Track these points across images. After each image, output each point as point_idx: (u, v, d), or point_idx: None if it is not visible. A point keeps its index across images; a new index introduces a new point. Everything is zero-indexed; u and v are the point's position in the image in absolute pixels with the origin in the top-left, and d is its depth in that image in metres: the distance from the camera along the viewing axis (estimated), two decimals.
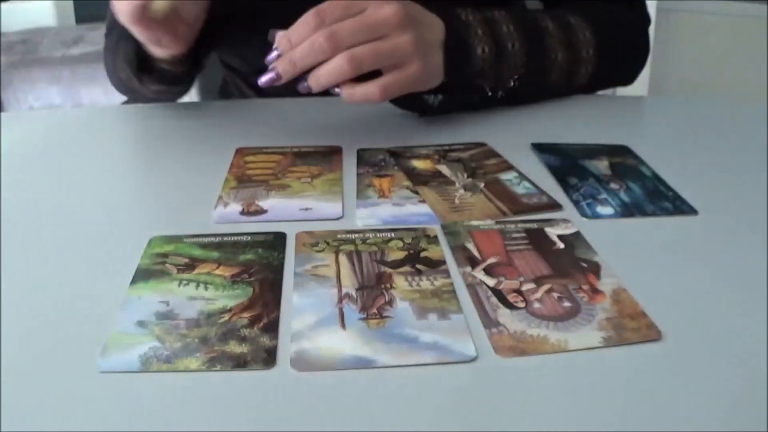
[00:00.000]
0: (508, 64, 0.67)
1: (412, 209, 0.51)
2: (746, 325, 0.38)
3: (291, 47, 0.58)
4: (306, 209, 0.51)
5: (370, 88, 0.59)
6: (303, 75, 0.58)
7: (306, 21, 0.58)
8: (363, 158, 0.60)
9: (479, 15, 0.67)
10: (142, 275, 0.43)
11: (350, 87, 0.59)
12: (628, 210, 0.51)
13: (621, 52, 0.78)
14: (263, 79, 0.58)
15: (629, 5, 0.80)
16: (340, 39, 0.57)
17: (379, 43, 0.58)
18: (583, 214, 0.51)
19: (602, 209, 0.51)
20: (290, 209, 0.51)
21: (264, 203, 0.52)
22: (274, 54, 0.59)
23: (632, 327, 0.38)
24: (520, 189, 0.54)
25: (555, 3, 0.82)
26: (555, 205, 0.52)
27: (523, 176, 0.56)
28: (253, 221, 0.50)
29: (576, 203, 0.52)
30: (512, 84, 0.69)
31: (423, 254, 0.45)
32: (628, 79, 0.81)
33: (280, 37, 0.59)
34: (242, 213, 0.51)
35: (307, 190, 0.54)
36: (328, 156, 0.60)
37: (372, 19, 0.58)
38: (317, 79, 0.58)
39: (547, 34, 0.70)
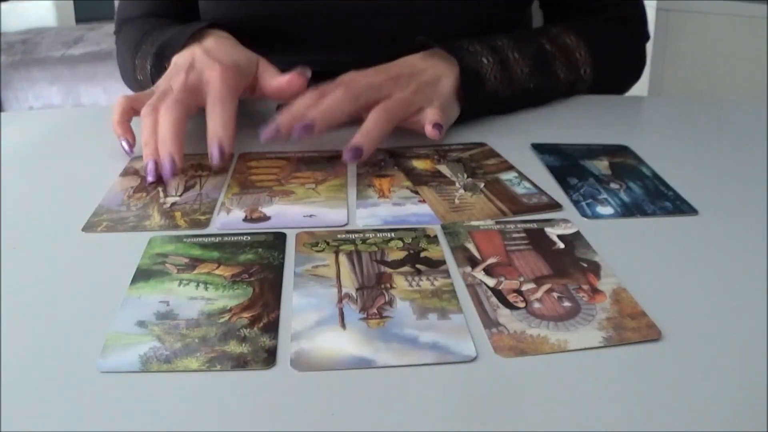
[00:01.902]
0: (518, 87, 0.69)
1: (412, 209, 0.51)
2: (746, 325, 0.38)
3: (292, 117, 0.58)
4: (310, 216, 0.51)
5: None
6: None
7: (307, 95, 0.60)
8: None
9: (484, 44, 0.69)
10: (142, 275, 0.43)
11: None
12: (628, 210, 0.51)
13: (615, 69, 0.80)
14: (299, 130, 0.56)
15: (627, 23, 0.82)
16: (356, 88, 0.59)
17: (396, 96, 0.60)
18: (583, 214, 0.51)
19: (602, 209, 0.51)
20: (294, 216, 0.51)
21: (267, 210, 0.52)
22: (272, 126, 0.57)
23: (632, 327, 0.38)
24: (520, 189, 0.54)
25: (555, 17, 0.83)
26: (555, 205, 0.52)
27: (523, 176, 0.56)
28: (256, 229, 0.49)
29: (576, 203, 0.52)
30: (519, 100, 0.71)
31: (423, 254, 0.45)
32: (622, 91, 0.83)
33: (282, 111, 0.59)
34: (245, 220, 0.50)
35: (312, 196, 0.54)
36: (332, 161, 0.60)
37: (371, 81, 0.61)
38: (365, 135, 0.57)
39: (550, 56, 0.71)
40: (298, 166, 0.59)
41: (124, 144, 0.59)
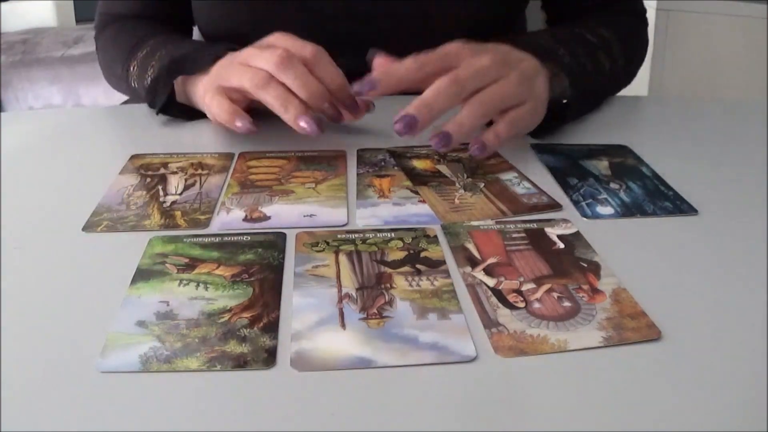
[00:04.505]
0: (584, 83, 0.67)
1: (412, 209, 0.51)
2: (746, 325, 0.38)
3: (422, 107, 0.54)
4: (310, 216, 0.51)
5: (488, 135, 0.56)
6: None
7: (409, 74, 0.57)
8: (363, 158, 0.60)
9: (563, 43, 0.67)
10: (142, 275, 0.43)
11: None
12: (628, 210, 0.51)
13: (638, 61, 0.80)
14: (400, 126, 0.54)
15: (636, 16, 0.82)
16: (463, 79, 0.55)
17: (497, 88, 0.56)
18: (583, 214, 0.51)
19: (602, 209, 0.51)
20: (294, 216, 0.51)
21: (267, 209, 0.51)
22: (367, 83, 0.56)
23: (632, 327, 0.38)
24: (520, 189, 0.54)
25: (564, 16, 0.83)
26: (555, 205, 0.52)
27: (523, 176, 0.56)
28: (256, 229, 0.49)
29: (576, 203, 0.52)
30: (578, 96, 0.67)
31: (423, 254, 0.45)
32: (629, 83, 0.83)
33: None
34: (245, 220, 0.50)
35: (312, 195, 0.54)
36: (332, 161, 0.60)
37: (479, 67, 0.56)
38: (458, 126, 0.54)
39: (594, 47, 0.70)
40: (298, 165, 0.59)
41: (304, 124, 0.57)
